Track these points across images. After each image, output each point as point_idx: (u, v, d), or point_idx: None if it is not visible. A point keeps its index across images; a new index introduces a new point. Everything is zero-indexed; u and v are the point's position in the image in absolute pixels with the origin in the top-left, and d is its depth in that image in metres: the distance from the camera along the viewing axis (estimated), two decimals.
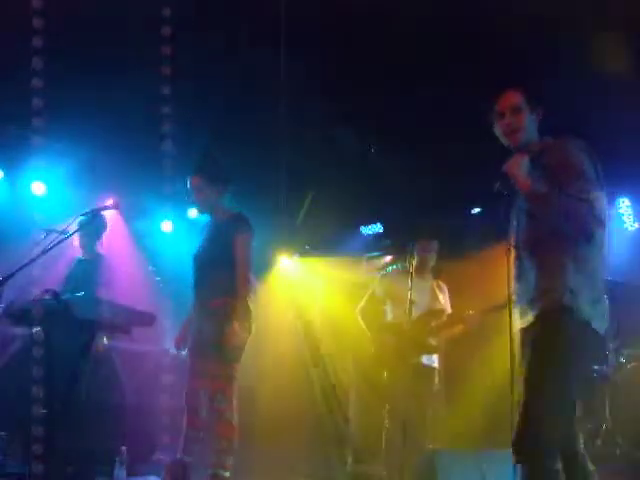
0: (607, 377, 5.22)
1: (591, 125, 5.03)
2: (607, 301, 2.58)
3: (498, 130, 2.76)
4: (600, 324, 2.51)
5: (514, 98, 2.75)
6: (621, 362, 5.27)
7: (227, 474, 3.58)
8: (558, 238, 2.49)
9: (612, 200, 6.23)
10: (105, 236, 5.03)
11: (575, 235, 2.47)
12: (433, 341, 4.58)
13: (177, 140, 5.01)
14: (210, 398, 3.64)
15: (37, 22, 3.99)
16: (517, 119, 2.71)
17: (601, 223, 2.47)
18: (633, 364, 5.24)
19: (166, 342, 4.46)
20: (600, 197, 2.48)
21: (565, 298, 2.44)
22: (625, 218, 6.14)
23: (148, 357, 5.56)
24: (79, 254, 5.03)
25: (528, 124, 2.73)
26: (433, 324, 4.56)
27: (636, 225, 6.12)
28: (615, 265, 5.88)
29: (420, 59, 4.44)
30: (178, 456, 3.81)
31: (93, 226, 4.55)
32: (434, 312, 4.62)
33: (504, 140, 2.75)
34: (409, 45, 4.32)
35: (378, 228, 7.14)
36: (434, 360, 4.65)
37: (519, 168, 2.54)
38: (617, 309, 5.40)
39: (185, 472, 3.74)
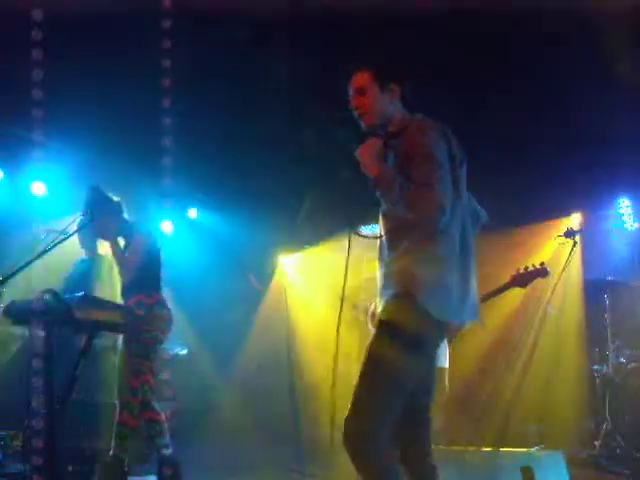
0: (607, 377, 5.22)
1: (592, 126, 5.05)
2: (467, 291, 2.48)
3: None
4: (442, 313, 2.37)
5: (358, 79, 2.62)
6: (621, 362, 5.27)
7: (169, 451, 4.01)
8: (406, 226, 2.41)
9: (612, 200, 6.24)
10: None
11: (418, 223, 2.37)
12: None
13: (177, 140, 5.02)
14: (136, 390, 3.95)
15: (36, 21, 3.99)
16: (362, 101, 2.60)
17: (443, 209, 2.31)
18: (633, 364, 5.24)
19: (165, 342, 4.47)
20: (447, 180, 2.37)
21: (407, 286, 2.36)
22: (625, 218, 6.14)
23: None
24: (80, 254, 5.04)
25: (378, 104, 2.60)
26: None
27: (636, 225, 6.12)
28: (615, 265, 5.90)
29: (420, 58, 4.43)
30: (111, 453, 3.87)
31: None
32: None
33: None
34: (409, 44, 4.32)
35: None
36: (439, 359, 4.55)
37: (369, 153, 2.47)
38: (617, 309, 5.47)
39: (121, 468, 3.89)
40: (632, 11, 3.85)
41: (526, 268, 4.16)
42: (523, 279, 4.21)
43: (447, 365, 4.53)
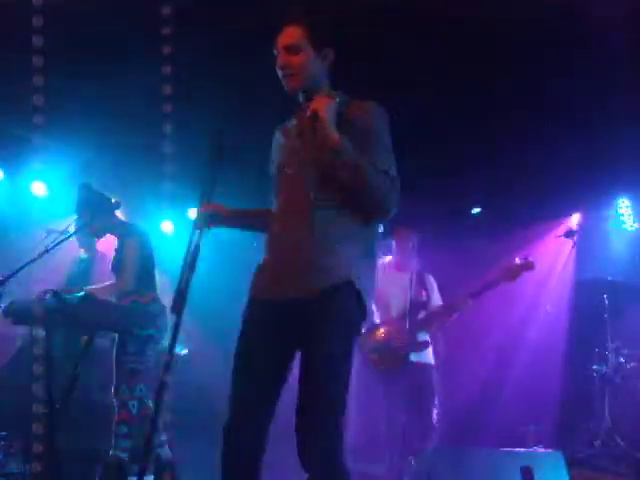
0: (607, 377, 5.23)
1: (591, 126, 5.05)
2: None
3: (277, 69, 2.30)
4: (365, 306, 2.21)
5: (291, 35, 2.27)
6: (621, 362, 5.27)
7: (165, 450, 4.02)
8: (349, 207, 2.17)
9: (612, 200, 6.24)
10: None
11: (374, 210, 2.18)
12: (421, 337, 4.46)
13: (177, 140, 5.01)
14: (133, 388, 3.95)
15: (37, 21, 3.99)
16: (293, 60, 2.25)
17: (396, 206, 2.17)
18: (633, 364, 5.24)
19: (162, 341, 4.48)
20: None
21: (349, 274, 2.15)
22: (625, 218, 6.14)
23: None
24: (80, 253, 5.04)
25: (311, 67, 2.28)
26: (419, 318, 4.42)
27: (636, 225, 6.12)
28: (614, 265, 5.90)
29: (420, 59, 4.44)
30: (111, 453, 3.87)
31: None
32: (414, 306, 4.39)
33: (284, 86, 2.30)
34: (408, 44, 4.32)
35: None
36: (424, 356, 4.51)
37: (329, 113, 2.11)
38: (617, 309, 5.47)
39: (121, 468, 3.88)
40: (631, 10, 3.86)
41: (512, 261, 4.23)
42: (511, 272, 4.24)
43: (433, 362, 4.56)
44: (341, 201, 2.17)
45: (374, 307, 4.75)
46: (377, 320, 4.71)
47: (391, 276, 4.67)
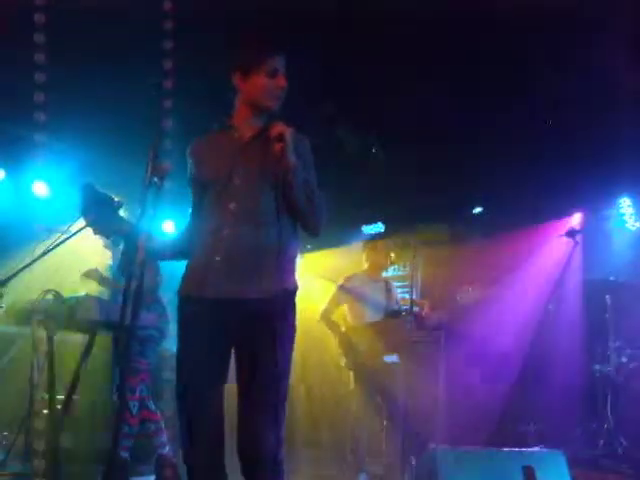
0: (609, 377, 5.22)
1: (592, 126, 5.05)
2: None
3: (267, 87, 2.35)
4: None
5: (284, 62, 2.37)
6: (622, 362, 5.26)
7: (166, 450, 4.08)
8: (295, 221, 2.39)
9: (613, 200, 6.23)
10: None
11: (316, 226, 2.38)
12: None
13: (177, 140, 5.02)
14: (134, 388, 4.04)
15: (38, 22, 4.00)
16: (285, 85, 2.37)
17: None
18: (635, 364, 5.23)
19: (166, 342, 4.49)
20: None
21: (296, 281, 2.43)
22: (626, 218, 6.13)
23: None
24: (79, 254, 5.03)
25: None
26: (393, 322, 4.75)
27: (637, 225, 6.11)
28: (616, 265, 5.89)
29: (420, 59, 4.44)
30: (112, 453, 3.90)
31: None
32: (394, 313, 4.88)
33: (266, 100, 2.37)
34: (410, 45, 4.32)
35: (379, 227, 7.15)
36: (396, 358, 4.73)
37: (291, 138, 2.27)
38: (619, 309, 5.46)
39: (123, 468, 3.92)
40: (629, 12, 3.86)
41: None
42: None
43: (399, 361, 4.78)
44: (290, 215, 2.36)
45: (347, 310, 4.98)
46: (352, 322, 4.97)
47: (367, 282, 5.09)
